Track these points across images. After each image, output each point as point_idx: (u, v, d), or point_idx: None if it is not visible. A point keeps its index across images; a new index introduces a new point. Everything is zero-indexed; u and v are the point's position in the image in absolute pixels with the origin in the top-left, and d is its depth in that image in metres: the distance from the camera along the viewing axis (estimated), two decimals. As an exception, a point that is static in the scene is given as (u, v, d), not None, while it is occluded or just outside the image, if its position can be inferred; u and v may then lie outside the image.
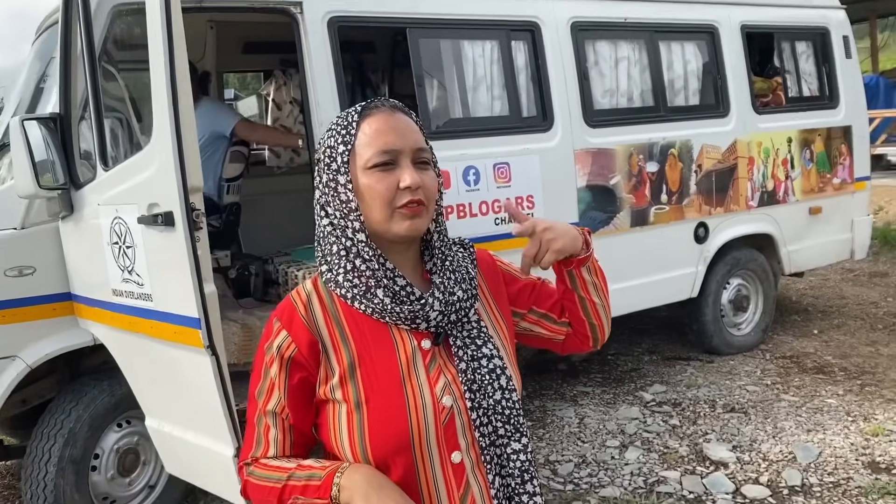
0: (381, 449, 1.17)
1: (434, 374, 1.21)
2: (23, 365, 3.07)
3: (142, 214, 2.49)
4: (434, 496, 1.19)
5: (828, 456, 3.74)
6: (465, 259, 1.32)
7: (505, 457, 1.24)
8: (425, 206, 1.21)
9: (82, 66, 2.85)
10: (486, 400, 1.22)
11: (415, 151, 1.22)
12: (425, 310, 1.20)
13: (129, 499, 3.36)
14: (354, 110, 1.24)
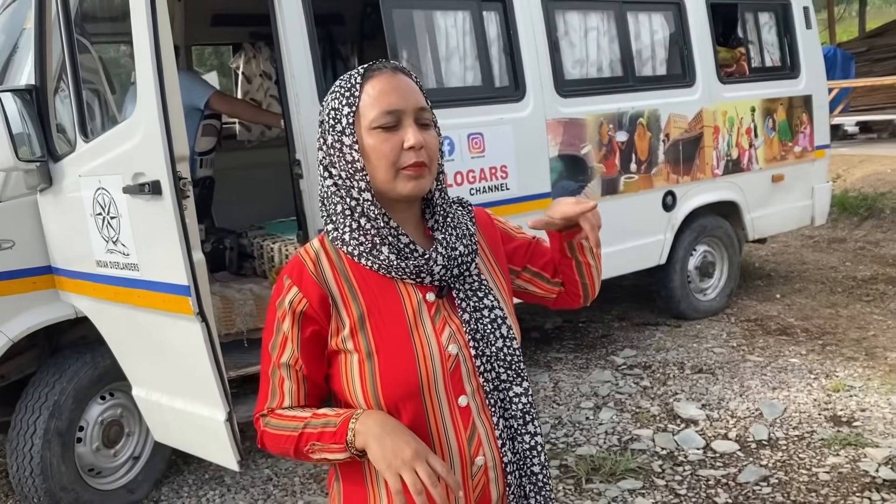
0: (393, 395, 1.23)
1: (440, 325, 1.28)
2: (4, 339, 3.07)
3: (127, 184, 2.50)
4: (443, 438, 1.26)
5: (792, 411, 3.90)
6: (464, 217, 1.37)
7: (507, 400, 1.31)
8: (428, 166, 1.26)
9: (58, 38, 2.83)
10: (488, 348, 1.29)
11: (417, 111, 1.25)
12: (429, 264, 1.26)
13: (115, 470, 3.38)
14: (358, 72, 1.27)
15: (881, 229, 7.55)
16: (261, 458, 3.80)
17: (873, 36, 13.98)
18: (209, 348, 2.46)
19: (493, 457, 1.28)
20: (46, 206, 3.04)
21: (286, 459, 3.78)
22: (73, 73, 2.74)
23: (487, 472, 1.28)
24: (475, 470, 1.27)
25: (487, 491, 1.29)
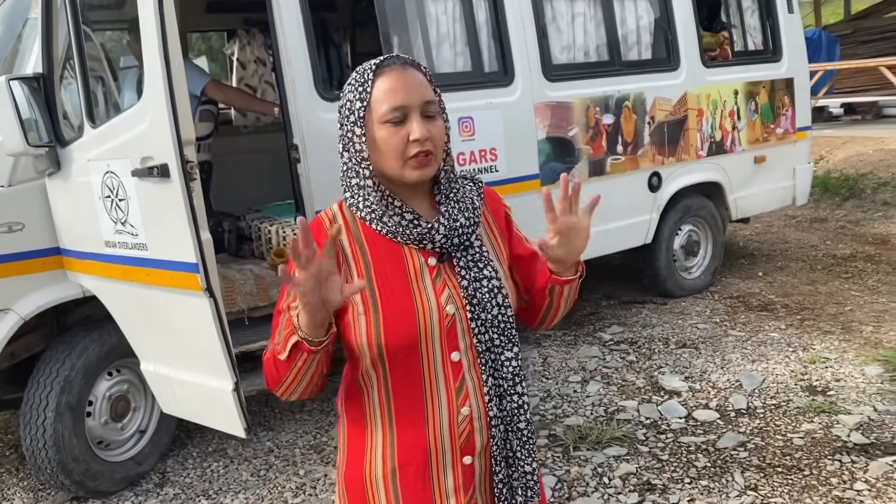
0: (394, 345, 1.38)
1: (440, 286, 1.42)
2: (16, 317, 3.20)
3: (135, 168, 2.63)
4: (433, 386, 1.41)
5: (770, 382, 4.08)
6: (471, 192, 1.51)
7: (499, 362, 1.45)
8: (433, 154, 1.39)
9: (64, 28, 2.94)
10: (484, 314, 1.42)
11: (422, 105, 1.38)
12: (431, 233, 1.40)
13: (123, 442, 3.53)
14: (370, 68, 1.40)
15: (861, 209, 7.74)
16: (262, 431, 3.96)
17: (858, 18, 14.14)
18: (217, 322, 2.61)
19: (478, 409, 1.43)
20: (55, 190, 3.16)
21: (286, 432, 3.94)
22: (80, 61, 2.86)
23: (472, 422, 1.42)
24: (461, 418, 1.42)
25: (472, 439, 1.43)
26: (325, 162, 3.69)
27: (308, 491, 3.36)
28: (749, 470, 3.24)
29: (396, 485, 1.43)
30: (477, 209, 1.47)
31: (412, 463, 1.42)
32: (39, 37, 3.19)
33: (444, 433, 1.41)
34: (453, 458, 1.42)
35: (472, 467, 1.44)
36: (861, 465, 3.20)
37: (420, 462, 1.42)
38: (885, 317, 4.91)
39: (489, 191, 1.56)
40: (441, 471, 1.43)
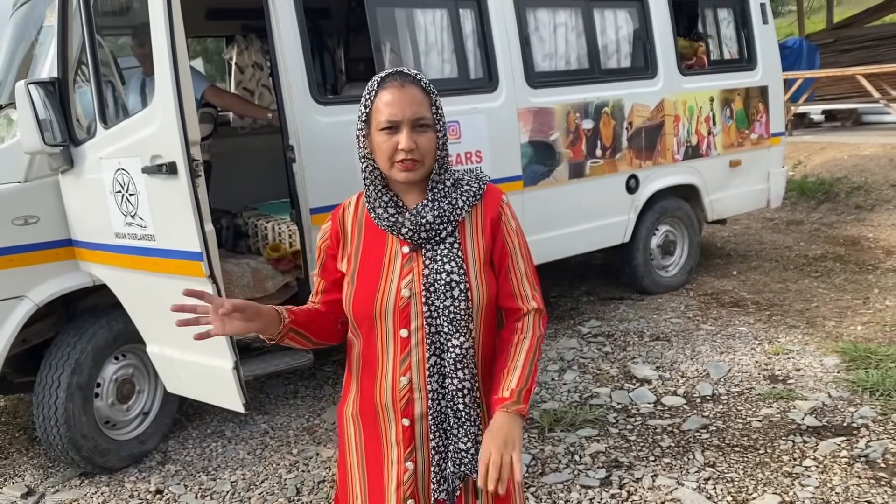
0: (358, 313, 1.67)
1: (405, 272, 1.65)
2: (31, 304, 3.45)
3: (145, 165, 2.89)
4: (384, 354, 1.67)
5: (735, 372, 4.35)
6: (465, 193, 1.67)
7: (445, 346, 1.63)
8: (420, 161, 1.60)
9: (78, 36, 3.19)
10: (438, 301, 1.63)
11: (413, 120, 1.58)
12: (397, 224, 1.64)
13: (127, 423, 3.78)
14: (377, 80, 1.63)
15: (836, 212, 8.04)
16: (258, 414, 4.21)
17: (840, 28, 14.47)
18: (219, 305, 2.86)
19: (418, 380, 1.65)
20: (67, 186, 3.41)
21: (280, 415, 4.19)
22: (94, 68, 3.11)
23: (412, 392, 1.66)
24: (401, 385, 1.66)
25: (411, 405, 1.66)
26: (319, 162, 3.96)
27: (301, 468, 3.61)
28: (709, 449, 3.51)
29: (360, 426, 1.75)
30: (457, 209, 1.65)
31: (367, 412, 1.73)
32: (54, 43, 3.44)
33: (387, 394, 1.68)
34: (396, 417, 1.68)
35: (410, 429, 1.67)
36: (811, 444, 3.47)
37: (371, 413, 1.72)
38: (847, 313, 5.20)
39: (491, 193, 1.72)
40: (387, 424, 1.70)
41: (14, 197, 3.38)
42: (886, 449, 3.36)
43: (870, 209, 7.81)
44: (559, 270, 6.75)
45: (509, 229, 1.72)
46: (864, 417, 3.66)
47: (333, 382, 4.61)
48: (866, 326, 4.90)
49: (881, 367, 4.14)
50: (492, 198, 1.71)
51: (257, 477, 3.56)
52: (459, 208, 1.66)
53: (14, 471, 3.81)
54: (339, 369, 4.82)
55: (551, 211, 5.03)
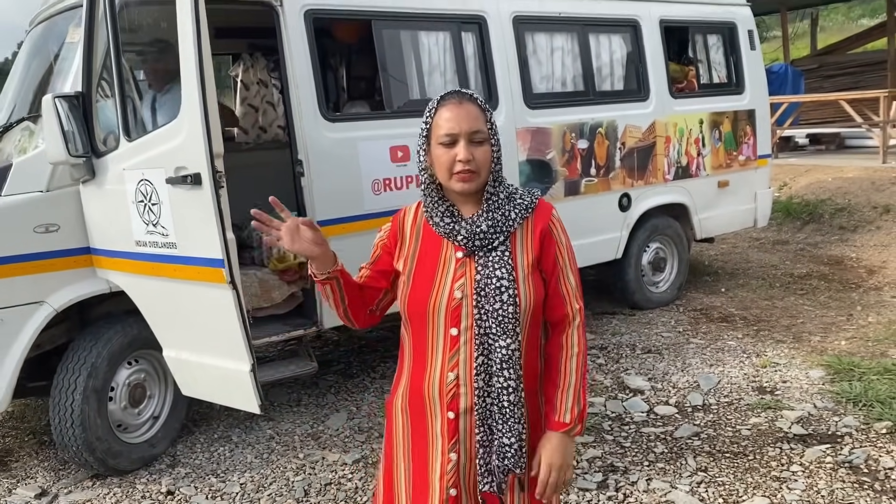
0: (412, 309, 1.81)
1: (458, 275, 1.79)
2: (50, 309, 3.57)
3: (170, 176, 3.03)
4: (434, 350, 1.81)
5: (725, 383, 4.52)
6: (518, 205, 1.81)
7: (493, 347, 1.75)
8: (476, 172, 1.73)
9: (103, 52, 3.34)
10: (487, 305, 1.75)
11: (470, 134, 1.73)
12: (454, 232, 1.78)
13: (139, 426, 3.88)
14: (437, 99, 1.78)
15: (820, 232, 8.27)
16: (263, 421, 4.33)
17: (824, 54, 14.85)
18: (238, 310, 3.00)
19: (465, 376, 1.78)
20: (88, 196, 3.54)
21: (286, 421, 4.31)
22: (119, 83, 3.26)
23: (459, 386, 1.79)
24: (448, 380, 1.79)
25: (457, 399, 1.79)
26: (326, 175, 4.12)
27: (308, 471, 3.73)
28: (701, 455, 3.66)
29: (407, 417, 1.88)
30: (510, 220, 1.78)
31: (415, 404, 1.85)
32: (77, 58, 3.59)
33: (434, 388, 1.80)
34: (441, 410, 1.80)
35: (455, 422, 1.80)
36: (798, 451, 3.63)
37: (419, 405, 1.84)
38: (832, 328, 5.39)
39: (543, 207, 1.85)
40: (433, 416, 1.83)
41: (36, 206, 3.51)
42: (869, 455, 3.52)
43: (853, 230, 8.04)
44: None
45: (560, 245, 1.84)
46: (848, 426, 3.83)
47: (336, 391, 4.74)
48: (850, 341, 5.09)
49: (864, 380, 4.32)
50: (543, 211, 1.84)
51: (265, 479, 3.68)
52: (512, 220, 1.79)
53: (26, 472, 3.91)
54: (339, 379, 4.96)
55: (547, 227, 5.19)
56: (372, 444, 3.97)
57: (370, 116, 4.70)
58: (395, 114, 4.52)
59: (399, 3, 4.52)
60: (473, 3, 4.83)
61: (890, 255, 7.18)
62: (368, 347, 5.60)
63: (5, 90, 4.55)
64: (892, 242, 7.42)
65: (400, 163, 4.42)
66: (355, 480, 3.61)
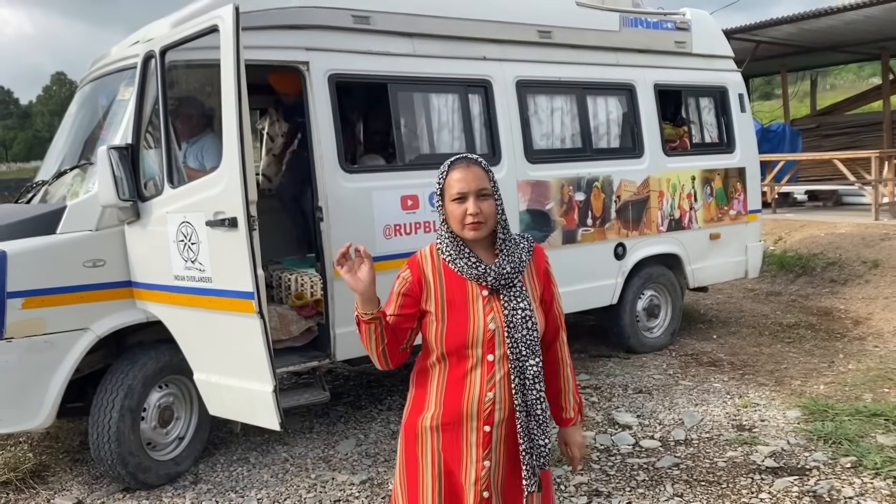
0: (451, 344, 2.10)
1: (487, 311, 2.12)
2: (93, 335, 4.00)
3: (209, 219, 3.48)
4: (473, 376, 2.11)
5: (707, 421, 4.85)
6: (523, 248, 2.17)
7: (525, 366, 2.10)
8: (483, 223, 2.08)
9: (150, 109, 3.83)
10: (516, 333, 2.09)
11: (477, 191, 2.09)
12: (486, 275, 2.13)
13: (166, 445, 4.26)
14: (448, 163, 2.14)
15: (812, 285, 8.62)
16: (278, 445, 4.69)
17: (822, 114, 15.36)
18: (265, 337, 3.41)
19: (501, 394, 2.09)
20: (132, 235, 3.99)
21: (299, 446, 4.68)
22: (166, 137, 3.73)
23: (495, 404, 2.10)
24: (486, 399, 2.10)
25: (493, 415, 2.10)
26: (343, 221, 4.56)
27: (319, 489, 4.09)
28: (678, 483, 4.00)
29: (440, 435, 2.16)
30: (523, 262, 2.15)
31: (452, 423, 2.14)
32: (127, 114, 4.08)
33: (473, 406, 2.11)
34: (478, 425, 2.12)
35: (490, 434, 2.11)
36: (768, 481, 3.96)
37: (456, 423, 2.13)
38: (813, 374, 5.73)
39: (538, 250, 2.25)
40: (469, 431, 2.13)
41: (86, 243, 3.97)
42: (833, 486, 3.85)
43: (843, 283, 8.40)
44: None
45: (554, 280, 2.27)
46: (817, 461, 4.16)
47: (345, 421, 5.10)
48: (828, 386, 5.42)
49: (836, 420, 4.65)
50: (539, 253, 2.25)
51: (280, 496, 4.03)
52: (524, 261, 2.17)
53: (62, 486, 4.28)
54: (349, 410, 5.32)
55: (546, 273, 5.60)
56: (378, 467, 4.33)
57: (384, 169, 5.15)
58: (406, 166, 4.97)
59: (412, 68, 5.02)
60: (480, 69, 5.33)
61: (876, 308, 7.52)
62: (376, 382, 5.97)
63: (55, 140, 5.07)
64: (878, 296, 7.77)
65: (409, 210, 4.85)
66: (362, 498, 3.96)
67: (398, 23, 4.97)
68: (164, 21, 4.34)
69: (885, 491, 3.77)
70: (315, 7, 4.59)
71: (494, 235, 2.15)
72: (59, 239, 3.94)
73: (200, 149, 4.43)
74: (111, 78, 4.56)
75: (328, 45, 4.65)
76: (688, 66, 6.70)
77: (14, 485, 4.25)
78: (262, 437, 4.82)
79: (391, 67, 4.94)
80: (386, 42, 4.92)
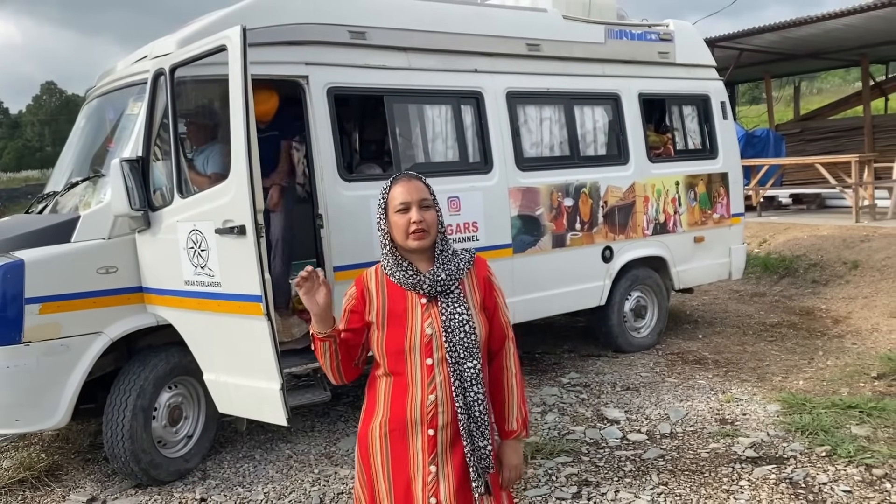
0: (390, 350, 2.19)
1: (425, 317, 2.19)
2: (106, 339, 4.20)
3: (218, 227, 3.69)
4: (413, 380, 2.18)
5: (692, 415, 5.09)
6: (461, 259, 2.26)
7: (463, 369, 2.17)
8: (426, 231, 2.18)
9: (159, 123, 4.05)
10: (454, 336, 2.16)
11: (419, 201, 2.20)
12: (421, 283, 2.20)
13: (175, 443, 4.46)
14: (390, 179, 2.26)
15: (795, 286, 8.89)
16: (282, 442, 4.90)
17: (806, 119, 15.69)
18: (272, 338, 3.63)
19: (442, 397, 2.15)
20: (143, 243, 4.20)
21: (302, 443, 4.89)
22: (175, 150, 3.95)
23: (437, 406, 2.15)
24: (429, 402, 2.16)
25: (436, 418, 2.16)
26: (342, 227, 4.77)
27: (322, 483, 4.30)
28: (664, 473, 4.22)
29: (387, 441, 2.22)
30: (460, 270, 2.24)
31: (397, 429, 2.20)
32: (138, 127, 4.29)
33: (416, 411, 2.16)
34: (422, 429, 2.17)
35: (434, 438, 2.16)
36: (748, 470, 4.19)
37: (401, 428, 2.19)
38: (793, 370, 5.97)
39: (479, 260, 2.34)
40: (414, 436, 2.18)
41: (99, 251, 4.17)
42: (808, 474, 4.09)
43: (824, 284, 8.66)
44: (545, 331, 7.53)
45: (497, 289, 2.35)
46: (794, 451, 4.40)
47: (345, 420, 5.31)
48: (807, 381, 5.67)
49: (813, 413, 4.89)
50: (480, 263, 2.34)
51: (286, 490, 4.24)
52: (461, 269, 2.26)
53: (76, 483, 4.48)
54: (348, 409, 5.53)
55: (537, 275, 5.84)
56: (378, 462, 4.54)
57: (381, 177, 5.36)
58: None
59: (407, 81, 5.25)
60: (472, 81, 5.57)
61: (855, 307, 7.79)
62: (375, 383, 6.18)
63: (64, 153, 5.28)
64: (858, 295, 8.04)
65: (406, 217, 5.06)
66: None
67: (393, 38, 5.20)
68: (169, 38, 4.56)
69: (857, 477, 4.01)
70: (314, 24, 4.81)
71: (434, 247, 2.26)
72: (73, 247, 4.14)
73: (206, 158, 4.65)
74: (119, 94, 4.78)
75: (327, 60, 4.87)
76: (671, 75, 6.96)
77: (30, 483, 4.45)
78: (266, 436, 5.02)
79: (387, 80, 5.16)
80: (382, 56, 5.15)
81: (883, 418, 4.75)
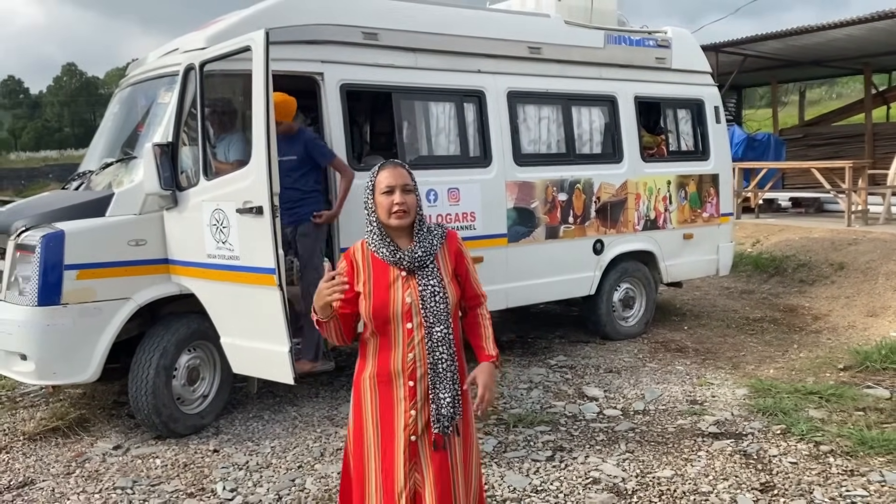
0: (377, 317, 2.49)
1: (405, 288, 2.49)
2: (134, 304, 4.68)
3: (239, 207, 4.17)
4: (396, 340, 2.50)
5: (666, 396, 5.52)
6: (436, 236, 2.57)
7: (433, 333, 2.49)
8: (407, 212, 2.49)
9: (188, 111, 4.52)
10: (428, 304, 2.49)
11: (402, 185, 2.49)
12: (403, 258, 2.64)
13: (192, 401, 4.95)
14: (378, 165, 2.55)
15: (783, 284, 9.28)
16: (288, 405, 5.38)
17: (809, 125, 16.00)
18: (283, 306, 4.10)
19: (419, 354, 2.49)
20: (170, 219, 4.68)
21: (306, 406, 5.36)
22: (202, 136, 4.42)
23: (415, 362, 2.49)
24: (409, 359, 2.49)
25: (415, 371, 2.49)
26: (352, 212, 5.22)
27: (324, 440, 4.77)
28: (631, 442, 4.67)
29: (376, 389, 2.56)
30: (434, 246, 2.55)
31: (383, 379, 2.54)
32: (168, 115, 4.76)
33: (398, 364, 2.51)
34: (404, 380, 2.51)
35: (414, 388, 2.51)
36: (708, 443, 4.63)
37: (386, 379, 2.53)
38: (767, 360, 6.39)
39: (451, 234, 2.65)
40: (397, 385, 2.52)
41: (131, 225, 4.66)
42: (761, 448, 4.52)
43: (811, 283, 9.05)
44: (540, 318, 7.98)
45: (467, 257, 2.69)
46: (753, 428, 4.83)
47: (347, 388, 5.74)
48: (777, 370, 6.09)
49: (776, 397, 5.32)
50: (452, 237, 2.65)
51: (290, 444, 4.72)
52: (435, 245, 2.57)
53: (102, 433, 4.98)
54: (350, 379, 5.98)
55: (530, 264, 6.28)
56: (375, 425, 5.01)
57: (387, 167, 5.81)
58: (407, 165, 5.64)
59: (414, 80, 5.69)
60: (475, 80, 6.00)
61: (836, 306, 8.18)
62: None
63: (97, 136, 5.77)
64: (840, 295, 8.43)
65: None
66: (361, 448, 4.64)
67: (403, 39, 5.64)
68: (198, 34, 5.03)
69: (805, 452, 4.44)
70: (330, 24, 5.26)
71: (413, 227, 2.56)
72: (108, 221, 4.63)
73: (227, 145, 5.11)
74: (150, 83, 5.25)
75: (341, 58, 5.32)
76: (667, 80, 7.35)
77: (62, 431, 4.95)
78: (275, 399, 5.51)
79: (395, 78, 5.61)
80: (392, 56, 5.59)
81: (839, 403, 5.17)
